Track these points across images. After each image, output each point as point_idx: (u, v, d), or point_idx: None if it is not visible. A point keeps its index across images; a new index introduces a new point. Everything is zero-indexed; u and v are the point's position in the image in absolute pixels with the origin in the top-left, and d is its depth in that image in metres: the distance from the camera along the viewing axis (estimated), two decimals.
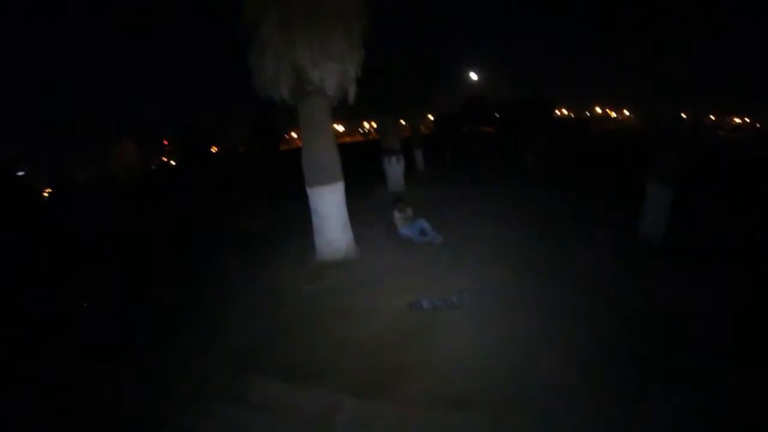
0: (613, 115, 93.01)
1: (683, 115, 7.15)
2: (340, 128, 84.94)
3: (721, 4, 6.43)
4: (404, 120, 16.89)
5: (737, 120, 78.76)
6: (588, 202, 10.96)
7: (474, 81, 34.93)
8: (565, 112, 73.23)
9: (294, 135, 67.97)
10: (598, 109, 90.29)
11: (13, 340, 5.87)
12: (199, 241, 10.48)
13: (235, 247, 9.25)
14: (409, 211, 8.54)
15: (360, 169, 16.83)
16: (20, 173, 44.18)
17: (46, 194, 45.59)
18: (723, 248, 7.20)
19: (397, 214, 8.39)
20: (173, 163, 65.12)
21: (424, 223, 8.05)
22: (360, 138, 78.46)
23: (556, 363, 4.12)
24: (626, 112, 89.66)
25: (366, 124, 75.19)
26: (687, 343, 4.38)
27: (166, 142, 69.92)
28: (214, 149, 60.93)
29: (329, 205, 7.04)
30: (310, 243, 7.39)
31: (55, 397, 4.39)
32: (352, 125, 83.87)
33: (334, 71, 6.53)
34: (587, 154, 23.98)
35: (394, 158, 13.52)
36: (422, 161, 18.40)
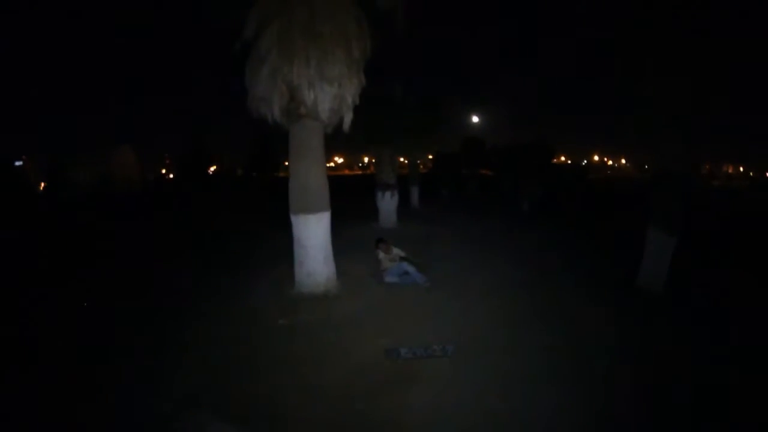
0: (610, 163, 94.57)
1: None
2: (340, 160, 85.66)
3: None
4: (402, 156, 16.72)
5: (730, 170, 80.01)
6: (584, 249, 10.71)
7: (475, 123, 35.25)
8: (563, 159, 73.97)
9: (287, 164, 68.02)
10: (596, 157, 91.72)
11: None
12: (179, 259, 10.00)
13: (214, 268, 8.83)
14: (396, 252, 7.91)
15: (353, 202, 16.60)
16: (18, 163, 44.01)
17: (41, 188, 45.19)
18: (724, 302, 6.99)
19: (381, 255, 7.74)
20: (171, 176, 65.02)
21: (406, 266, 7.46)
22: (358, 171, 78.89)
23: (547, 425, 3.67)
24: (623, 161, 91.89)
25: (366, 159, 75.67)
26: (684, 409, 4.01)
27: (167, 158, 70.27)
28: (212, 168, 60.91)
29: (313, 235, 6.64)
30: (290, 272, 6.94)
31: None
32: (353, 158, 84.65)
33: (330, 94, 6.26)
34: (584, 200, 23.90)
35: (388, 193, 13.19)
36: (417, 198, 18.12)
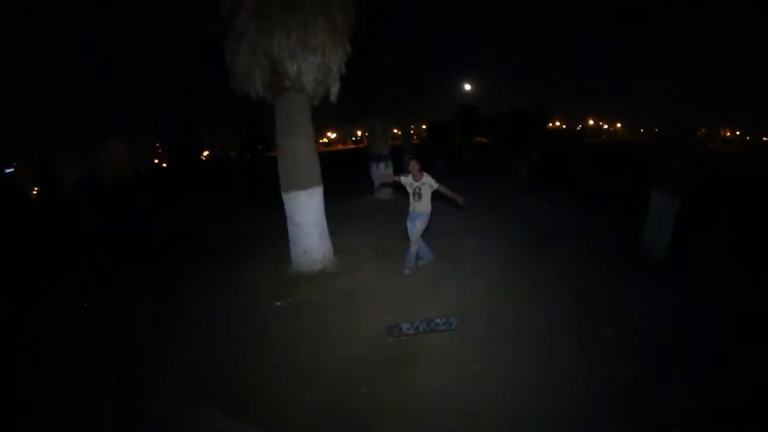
0: (605, 127, 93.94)
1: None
2: (333, 135, 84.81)
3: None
4: (396, 127, 16.36)
5: (728, 134, 79.77)
6: (583, 213, 10.53)
7: (468, 90, 34.71)
8: (558, 123, 73.43)
9: None
10: (591, 122, 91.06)
11: None
12: (177, 243, 9.80)
13: (210, 252, 8.65)
14: (426, 180, 6.26)
15: (348, 177, 16.33)
16: (9, 170, 43.38)
17: (34, 192, 44.67)
18: (725, 262, 7.00)
19: (404, 178, 6.41)
20: (164, 165, 64.42)
21: (423, 245, 6.56)
22: (352, 146, 78.20)
23: (553, 400, 3.54)
24: (618, 126, 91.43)
25: (359, 133, 74.96)
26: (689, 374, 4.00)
27: (158, 145, 69.37)
28: (205, 153, 60.35)
29: (306, 212, 6.43)
30: (287, 252, 6.74)
31: None
32: (345, 133, 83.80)
33: (314, 65, 5.96)
34: (581, 165, 23.66)
35: (382, 164, 12.89)
36: None
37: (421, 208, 6.30)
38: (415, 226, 6.32)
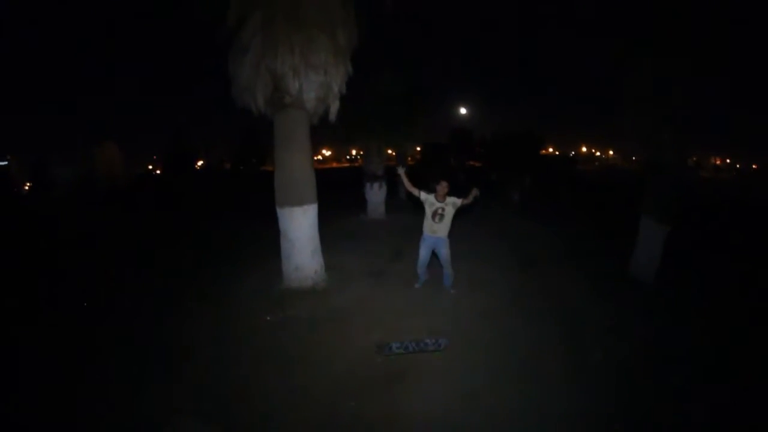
0: (597, 154, 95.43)
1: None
2: (328, 153, 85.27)
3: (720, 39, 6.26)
4: (390, 147, 16.50)
5: (718, 161, 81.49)
6: (575, 239, 10.68)
7: (463, 114, 35.12)
8: (551, 150, 74.40)
9: None
10: (584, 149, 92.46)
11: None
12: (166, 256, 9.74)
13: (201, 264, 8.62)
14: (451, 200, 6.03)
15: (341, 194, 16.39)
16: (2, 163, 43.12)
17: (26, 187, 44.33)
18: (717, 292, 7.02)
19: (426, 196, 6.13)
20: (158, 172, 64.28)
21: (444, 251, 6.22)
22: (346, 164, 78.67)
23: (540, 422, 3.57)
24: (611, 153, 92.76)
25: (354, 151, 75.42)
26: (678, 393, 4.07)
27: (155, 156, 69.41)
28: (199, 163, 60.37)
29: (300, 229, 6.46)
30: (278, 266, 6.75)
31: None
32: (340, 151, 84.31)
33: (315, 83, 6.08)
34: (574, 191, 23.95)
35: (376, 184, 13.02)
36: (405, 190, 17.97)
37: (443, 231, 6.08)
38: (441, 255, 6.18)
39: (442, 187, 5.98)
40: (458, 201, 5.97)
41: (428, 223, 6.10)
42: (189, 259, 9.21)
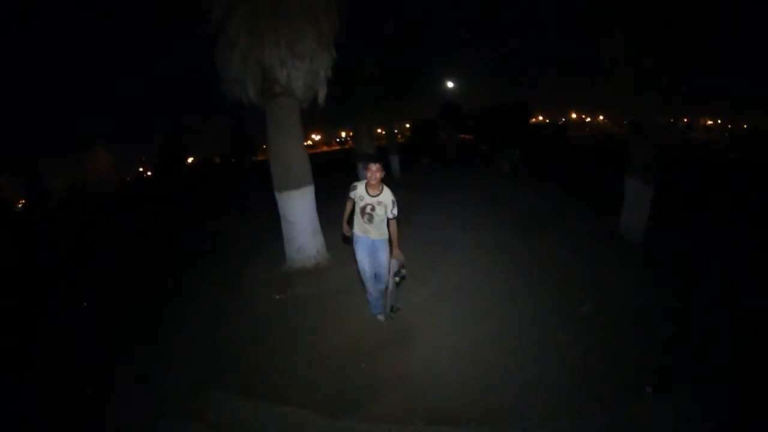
0: (588, 120, 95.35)
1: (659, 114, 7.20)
2: (317, 137, 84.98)
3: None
4: (380, 127, 16.70)
5: (709, 122, 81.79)
6: (566, 203, 11.01)
7: (451, 88, 35.17)
8: (541, 118, 74.42)
9: None
10: (574, 115, 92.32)
11: None
12: (171, 247, 10.07)
13: (205, 253, 8.97)
14: (385, 196, 4.48)
15: (336, 177, 16.62)
16: None
17: (20, 204, 44.19)
18: (701, 247, 7.30)
19: (354, 192, 4.64)
20: (149, 173, 64.22)
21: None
22: (336, 147, 78.58)
23: (542, 369, 3.95)
24: (601, 118, 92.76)
25: (343, 134, 75.29)
26: (670, 343, 4.38)
27: (144, 157, 69.28)
28: (190, 160, 60.28)
29: (299, 211, 6.73)
30: (281, 250, 7.05)
31: None
32: (330, 134, 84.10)
33: (303, 71, 6.29)
34: (564, 158, 24.20)
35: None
36: (398, 167, 18.20)
37: (378, 232, 4.63)
38: (379, 262, 4.69)
39: (372, 171, 4.44)
40: (392, 210, 4.45)
41: (358, 220, 4.69)
42: (195, 249, 9.54)
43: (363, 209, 4.56)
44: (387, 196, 4.47)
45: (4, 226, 23.77)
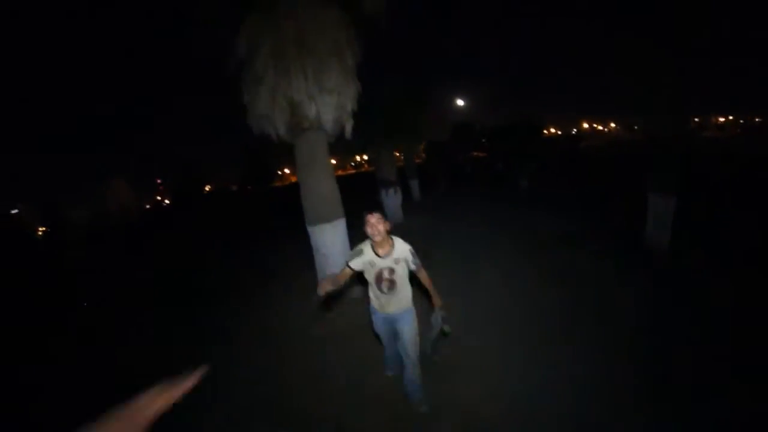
0: (600, 128, 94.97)
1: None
2: (333, 161, 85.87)
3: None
4: (397, 151, 16.85)
5: (721, 119, 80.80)
6: (587, 220, 10.89)
7: (461, 106, 35.35)
8: (553, 130, 74.33)
9: (287, 171, 68.86)
10: (585, 125, 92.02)
11: None
12: (201, 280, 10.14)
13: (236, 286, 9.01)
14: (401, 249, 3.63)
15: (357, 202, 16.75)
16: (14, 211, 43.93)
17: (40, 233, 45.03)
18: (728, 255, 7.19)
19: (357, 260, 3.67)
20: (167, 201, 65.31)
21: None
22: (352, 171, 79.20)
23: (566, 394, 3.92)
24: (612, 125, 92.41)
25: (357, 157, 75.89)
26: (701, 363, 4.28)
27: (159, 181, 70.65)
28: (207, 188, 61.19)
29: (331, 243, 6.76)
30: (313, 280, 7.05)
31: None
32: (344, 159, 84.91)
33: (331, 105, 6.36)
34: (580, 171, 24.03)
35: (391, 190, 13.36)
36: (418, 191, 18.28)
37: (400, 303, 3.71)
38: (404, 336, 3.72)
39: (372, 225, 3.52)
40: (412, 255, 3.62)
41: (374, 291, 3.76)
42: (223, 282, 9.62)
43: (379, 277, 3.60)
44: (402, 249, 3.58)
45: (30, 255, 24.15)
